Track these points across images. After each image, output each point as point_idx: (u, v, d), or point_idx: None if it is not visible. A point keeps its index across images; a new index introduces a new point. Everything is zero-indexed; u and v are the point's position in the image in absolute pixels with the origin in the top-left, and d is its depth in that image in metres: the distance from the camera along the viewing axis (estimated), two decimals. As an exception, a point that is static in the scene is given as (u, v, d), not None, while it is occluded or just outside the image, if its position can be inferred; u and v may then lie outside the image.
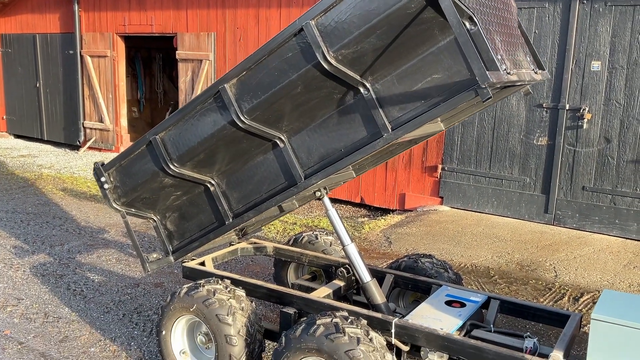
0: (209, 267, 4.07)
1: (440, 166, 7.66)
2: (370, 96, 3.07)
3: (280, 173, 3.50)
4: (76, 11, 11.82)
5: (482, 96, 2.60)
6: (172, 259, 4.11)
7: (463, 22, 2.55)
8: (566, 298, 5.00)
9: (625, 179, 6.47)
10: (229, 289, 3.55)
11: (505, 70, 2.68)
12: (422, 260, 4.07)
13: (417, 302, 3.96)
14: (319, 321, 3.05)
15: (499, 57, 2.66)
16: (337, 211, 3.62)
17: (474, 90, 2.70)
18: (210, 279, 3.68)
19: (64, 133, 12.86)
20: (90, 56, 11.85)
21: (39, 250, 6.24)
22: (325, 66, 2.93)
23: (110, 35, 11.47)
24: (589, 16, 6.49)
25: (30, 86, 13.33)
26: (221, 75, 9.83)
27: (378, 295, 3.53)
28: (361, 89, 3.07)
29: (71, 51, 12.21)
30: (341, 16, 2.85)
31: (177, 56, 10.46)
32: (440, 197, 7.74)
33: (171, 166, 3.59)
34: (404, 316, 3.31)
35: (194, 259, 4.18)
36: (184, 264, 4.09)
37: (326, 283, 4.18)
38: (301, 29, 2.95)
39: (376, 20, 2.77)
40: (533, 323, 4.52)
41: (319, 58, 2.91)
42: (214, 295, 3.46)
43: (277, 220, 7.39)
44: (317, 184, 3.36)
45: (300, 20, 2.95)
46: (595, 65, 6.52)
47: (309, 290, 3.88)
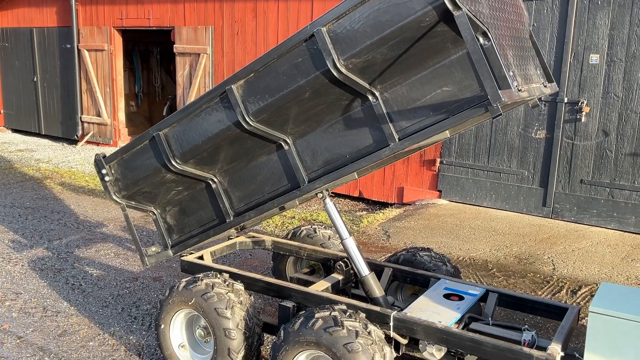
0: (208, 261, 4.07)
1: (438, 160, 7.66)
2: (379, 105, 3.05)
3: (284, 175, 3.49)
4: (73, 5, 11.76)
5: (493, 113, 2.62)
6: (171, 252, 4.11)
7: (477, 37, 2.54)
8: (564, 291, 5.01)
9: (623, 172, 6.47)
10: (227, 283, 3.55)
11: (516, 87, 2.67)
12: (421, 253, 4.07)
13: (416, 296, 3.97)
14: (317, 314, 3.05)
15: (511, 74, 2.66)
16: (336, 205, 3.62)
17: (484, 106, 2.71)
18: (208, 272, 3.68)
19: (62, 127, 12.83)
20: (87, 50, 11.81)
21: (37, 244, 6.24)
22: (335, 74, 2.90)
23: (107, 29, 11.43)
24: (588, 9, 6.48)
25: (28, 80, 13.29)
26: (219, 69, 9.84)
27: (376, 288, 3.54)
28: (370, 97, 3.06)
29: (68, 45, 12.16)
30: (354, 25, 2.82)
31: (175, 50, 10.43)
32: (438, 191, 7.75)
33: (174, 163, 3.58)
34: (402, 309, 3.31)
35: (192, 253, 4.18)
36: (183, 258, 4.09)
37: (325, 277, 4.19)
38: (312, 35, 2.91)
39: (389, 31, 2.74)
40: (531, 316, 4.53)
41: (329, 65, 2.89)
42: (213, 289, 3.46)
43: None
44: (320, 187, 3.36)
45: (312, 26, 2.92)
46: (594, 58, 6.51)
47: (308, 283, 3.88)
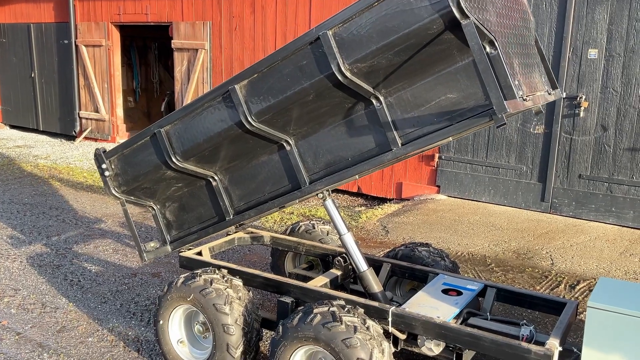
0: (206, 257, 4.07)
1: (437, 155, 7.66)
2: (383, 109, 3.04)
3: (285, 175, 3.49)
4: (70, 0, 11.73)
5: (497, 122, 2.62)
6: (170, 248, 4.11)
7: (483, 46, 2.54)
8: (562, 286, 5.02)
9: (621, 167, 6.48)
10: (226, 279, 3.55)
11: (521, 96, 2.67)
12: (419, 249, 4.07)
13: (414, 291, 3.97)
14: (316, 310, 3.05)
15: (517, 83, 2.65)
16: (334, 200, 3.62)
17: (488, 115, 2.71)
18: (207, 268, 3.68)
19: (60, 123, 12.81)
20: (85, 46, 11.78)
21: (36, 240, 6.23)
22: (340, 78, 2.89)
23: (105, 25, 11.40)
24: (586, 3, 6.47)
25: (25, 76, 13.26)
26: (217, 64, 9.82)
27: (375, 284, 3.54)
28: (374, 101, 3.05)
29: (66, 41, 12.13)
30: (360, 30, 2.80)
31: (173, 45, 10.40)
32: (437, 186, 7.75)
33: (174, 160, 3.58)
34: (400, 304, 3.31)
35: (190, 249, 4.18)
36: (181, 254, 4.09)
37: (323, 272, 4.19)
38: (317, 38, 2.90)
39: (395, 37, 2.73)
40: (529, 311, 4.54)
41: (334, 69, 2.88)
42: (211, 284, 3.46)
43: (274, 210, 7.39)
44: (321, 189, 3.36)
45: (318, 29, 2.90)
46: (592, 53, 6.50)
47: (306, 279, 3.89)
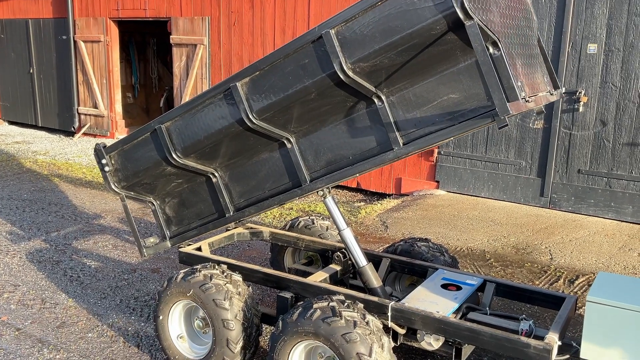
0: (206, 252, 4.07)
1: (436, 150, 7.66)
2: (384, 108, 3.04)
3: (285, 173, 3.48)
4: (69, -4, 11.70)
5: (499, 123, 2.62)
6: (169, 244, 4.12)
7: (487, 47, 2.53)
8: (561, 281, 5.03)
9: (620, 162, 6.48)
10: (225, 274, 3.56)
11: (524, 98, 2.66)
12: (418, 244, 4.08)
13: (414, 286, 3.98)
14: (315, 305, 3.06)
15: (519, 84, 2.65)
16: (333, 196, 3.62)
17: (491, 116, 2.71)
18: (206, 264, 3.69)
19: (59, 119, 12.79)
20: (83, 41, 11.75)
21: (35, 236, 6.23)
22: (342, 77, 2.88)
23: (103, 20, 11.37)
24: (586, -2, 6.46)
25: (24, 72, 13.23)
26: (216, 60, 9.80)
27: (374, 279, 3.54)
28: (376, 100, 3.04)
29: (64, 36, 12.10)
30: (363, 29, 2.79)
31: (171, 41, 10.38)
32: (436, 181, 7.75)
33: (175, 156, 3.57)
34: (400, 299, 3.32)
35: (190, 244, 4.19)
36: (181, 249, 4.09)
37: (323, 267, 4.19)
38: (320, 37, 2.89)
39: (398, 37, 2.72)
40: (529, 305, 4.55)
41: (336, 68, 2.87)
42: (211, 280, 3.46)
43: (274, 205, 7.39)
44: (322, 187, 3.37)
45: (320, 28, 2.89)
46: (592, 48, 6.49)
47: (306, 274, 3.89)
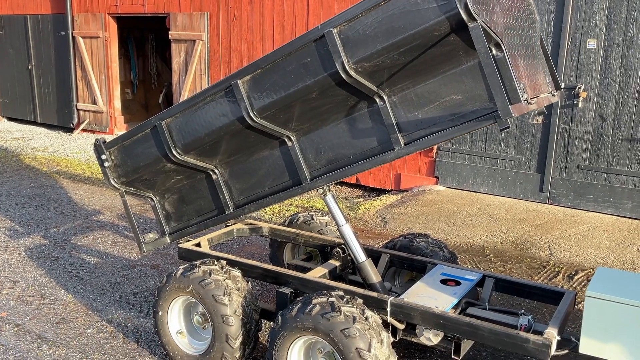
0: (205, 248, 4.07)
1: (435, 146, 7.65)
2: (386, 108, 3.03)
3: (286, 170, 3.48)
4: (67, -9, 11.67)
5: (501, 125, 2.62)
6: (169, 239, 4.12)
7: (490, 48, 2.52)
8: (561, 276, 5.03)
9: (620, 158, 6.48)
10: (225, 270, 3.55)
11: (526, 100, 2.66)
12: (418, 239, 4.08)
13: (413, 281, 3.98)
14: (315, 300, 3.06)
15: (522, 86, 2.65)
16: (333, 192, 3.62)
17: (492, 118, 2.71)
18: (206, 259, 3.68)
19: (57, 115, 12.77)
20: (82, 37, 11.73)
21: (34, 232, 6.23)
22: (344, 76, 2.88)
23: (102, 16, 11.34)
24: (585, -7, 6.44)
25: (23, 68, 13.20)
26: (215, 55, 9.78)
27: (373, 274, 3.54)
28: (377, 100, 3.04)
29: (63, 32, 12.07)
30: (365, 29, 2.78)
31: (170, 36, 10.36)
32: (435, 177, 7.75)
33: (175, 153, 3.57)
34: (399, 295, 3.32)
35: (189, 240, 4.19)
36: (180, 245, 4.09)
37: (322, 263, 4.19)
38: (322, 36, 2.88)
39: (401, 37, 2.71)
40: (528, 301, 4.55)
41: (338, 68, 2.86)
42: (210, 275, 3.46)
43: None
44: (322, 185, 3.37)
45: (323, 27, 2.87)
46: (591, 43, 6.49)
47: (305, 270, 3.89)
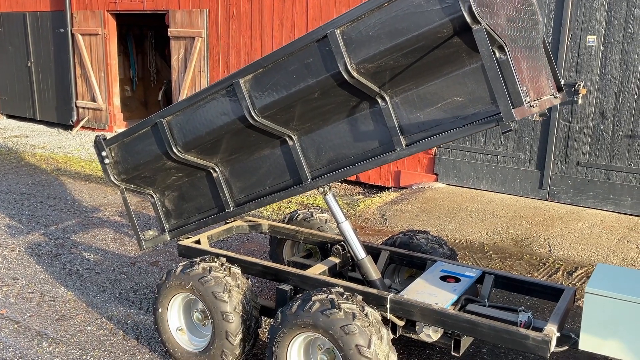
0: (205, 245, 4.07)
1: (435, 143, 7.64)
2: (388, 109, 3.03)
3: (286, 170, 3.48)
4: (66, -12, 11.65)
5: (503, 128, 2.62)
6: (168, 236, 4.11)
7: (493, 51, 2.52)
8: (560, 272, 5.04)
9: (619, 154, 6.48)
10: (224, 267, 3.55)
11: (528, 102, 2.66)
12: (417, 236, 4.08)
13: (412, 278, 3.98)
14: (314, 297, 3.06)
15: (524, 89, 2.64)
16: (333, 190, 3.62)
17: (495, 120, 2.70)
18: (205, 256, 3.68)
19: (57, 113, 12.76)
20: (81, 34, 11.71)
21: (34, 230, 6.23)
22: (346, 77, 2.87)
23: (101, 13, 11.32)
24: (585, -10, 6.43)
25: (22, 65, 13.19)
26: (214, 52, 9.77)
27: (373, 271, 3.54)
28: (379, 101, 3.03)
29: (62, 29, 12.05)
30: (369, 30, 2.77)
31: (169, 34, 10.34)
32: (435, 174, 7.75)
33: (175, 151, 3.56)
34: (399, 292, 3.32)
35: (189, 237, 4.18)
36: (180, 242, 4.09)
37: (322, 260, 4.19)
38: (325, 36, 2.87)
39: (404, 39, 2.70)
40: (527, 297, 4.56)
41: (341, 69, 2.86)
42: (210, 272, 3.46)
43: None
44: (323, 184, 3.37)
45: (325, 27, 2.87)
46: (591, 39, 6.48)
47: (305, 267, 3.89)
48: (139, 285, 4.89)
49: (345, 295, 3.06)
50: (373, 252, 3.89)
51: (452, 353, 3.20)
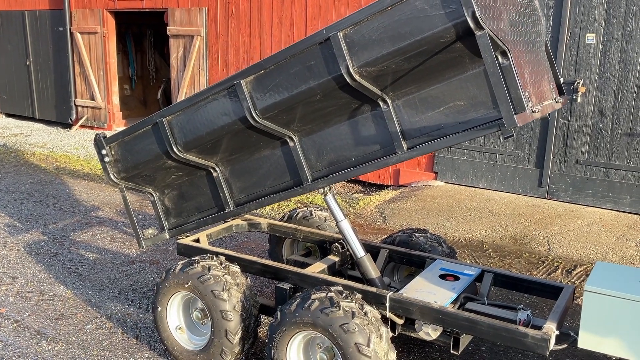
0: (204, 244, 4.07)
1: (434, 141, 7.64)
2: (389, 112, 3.02)
3: (287, 171, 3.48)
4: (65, -13, 11.63)
5: (504, 134, 2.62)
6: (168, 235, 4.11)
7: (496, 56, 2.51)
8: (559, 270, 5.04)
9: (618, 152, 6.48)
10: (224, 265, 3.55)
11: (531, 108, 2.66)
12: (417, 234, 4.08)
13: (412, 276, 3.98)
14: (314, 296, 3.06)
15: (527, 94, 2.64)
16: (333, 190, 3.61)
17: (497, 125, 2.70)
18: (205, 255, 3.68)
19: (56, 111, 12.75)
20: (80, 33, 11.69)
21: (33, 228, 6.23)
22: (348, 80, 2.87)
23: (100, 12, 11.31)
24: (584, -12, 6.43)
25: (21, 64, 13.17)
26: (213, 51, 9.76)
27: (372, 269, 3.54)
28: (381, 104, 3.03)
29: (61, 28, 12.04)
30: (371, 33, 2.77)
31: (168, 32, 10.33)
32: (434, 172, 7.75)
33: (176, 150, 3.56)
34: (398, 290, 3.32)
35: (188, 236, 4.19)
36: (179, 241, 4.09)
37: (321, 258, 4.19)
38: (327, 39, 2.86)
39: (407, 43, 2.70)
40: (526, 295, 4.56)
41: (343, 71, 2.86)
42: (209, 271, 3.46)
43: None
44: (323, 186, 3.37)
45: (328, 30, 2.86)
46: (590, 37, 6.48)
47: (304, 265, 3.89)
48: (138, 284, 4.89)
49: (344, 294, 3.06)
50: (372, 251, 3.89)
51: (451, 351, 3.21)
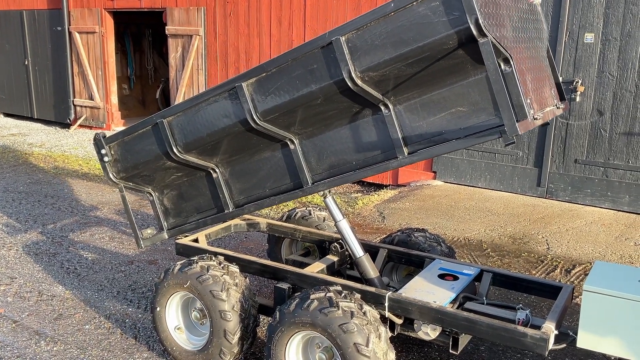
0: (203, 244, 4.07)
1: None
2: (391, 116, 3.02)
3: (287, 173, 3.48)
4: (63, -14, 11.61)
5: (506, 141, 2.62)
6: (166, 235, 4.11)
7: (498, 63, 2.51)
8: (558, 270, 5.04)
9: (617, 152, 6.48)
10: (222, 265, 3.55)
11: (532, 115, 2.66)
12: (415, 234, 4.07)
13: (411, 276, 3.98)
14: (312, 296, 3.06)
15: (528, 101, 2.64)
16: (332, 191, 3.61)
17: (498, 132, 2.70)
18: (203, 255, 3.68)
19: (54, 111, 12.73)
20: (78, 32, 11.68)
21: (32, 229, 6.22)
22: (350, 85, 2.87)
23: (98, 11, 11.29)
24: (583, -13, 6.43)
25: (19, 64, 13.15)
26: (212, 50, 9.76)
27: (371, 269, 3.54)
28: (382, 108, 3.03)
29: (59, 27, 12.02)
30: (374, 38, 2.76)
31: (167, 32, 10.32)
32: (433, 172, 7.75)
33: (176, 151, 3.56)
34: (397, 290, 3.32)
35: (187, 236, 4.18)
36: (177, 241, 4.08)
37: (320, 258, 4.19)
38: (330, 43, 2.86)
39: (409, 49, 2.69)
40: (525, 295, 4.56)
41: (345, 76, 2.85)
42: (208, 271, 3.46)
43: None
44: (323, 189, 3.37)
45: (331, 34, 2.86)
46: (589, 37, 6.48)
47: (303, 265, 3.89)
48: (137, 284, 4.88)
49: (343, 294, 3.06)
50: (371, 250, 3.89)
51: (450, 351, 3.21)
